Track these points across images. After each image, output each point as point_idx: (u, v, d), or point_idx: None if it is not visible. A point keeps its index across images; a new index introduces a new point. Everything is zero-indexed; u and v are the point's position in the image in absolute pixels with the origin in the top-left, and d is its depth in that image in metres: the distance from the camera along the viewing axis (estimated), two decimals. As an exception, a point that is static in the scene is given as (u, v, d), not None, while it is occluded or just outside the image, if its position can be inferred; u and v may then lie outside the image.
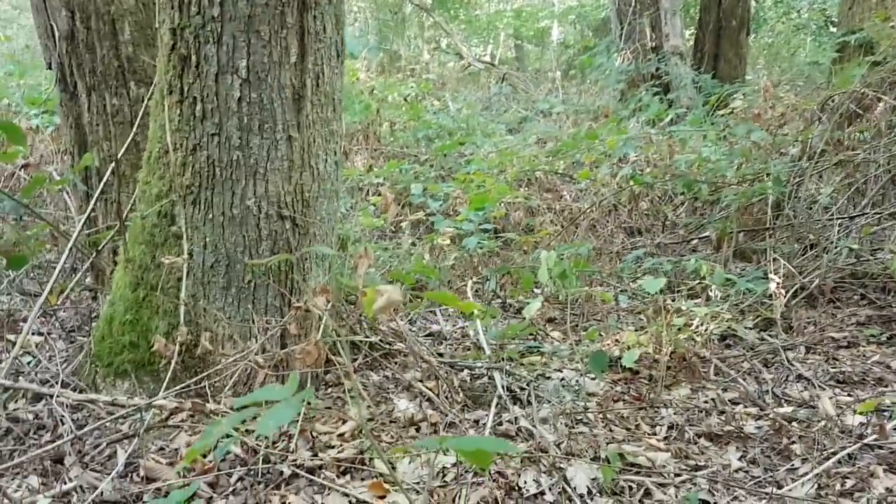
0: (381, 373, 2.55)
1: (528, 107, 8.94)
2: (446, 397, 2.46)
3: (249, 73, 2.10)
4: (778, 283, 2.85)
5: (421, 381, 2.50)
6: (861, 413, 2.24)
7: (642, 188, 4.84)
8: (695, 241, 4.75)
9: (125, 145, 2.81)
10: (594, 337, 3.06)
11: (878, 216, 3.49)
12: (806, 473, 2.08)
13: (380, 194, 5.07)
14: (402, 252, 4.25)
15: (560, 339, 3.34)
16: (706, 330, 3.13)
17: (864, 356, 2.90)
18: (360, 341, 2.54)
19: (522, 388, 2.58)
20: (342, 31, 2.27)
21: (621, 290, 3.72)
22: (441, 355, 2.96)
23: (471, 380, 2.69)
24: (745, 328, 3.25)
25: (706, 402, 2.56)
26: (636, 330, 3.19)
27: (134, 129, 2.82)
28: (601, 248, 4.62)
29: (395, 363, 2.62)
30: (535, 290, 3.91)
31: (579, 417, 2.42)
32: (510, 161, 5.18)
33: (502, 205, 4.38)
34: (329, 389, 2.39)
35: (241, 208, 2.15)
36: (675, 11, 7.52)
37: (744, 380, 2.73)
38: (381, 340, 2.63)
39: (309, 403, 2.08)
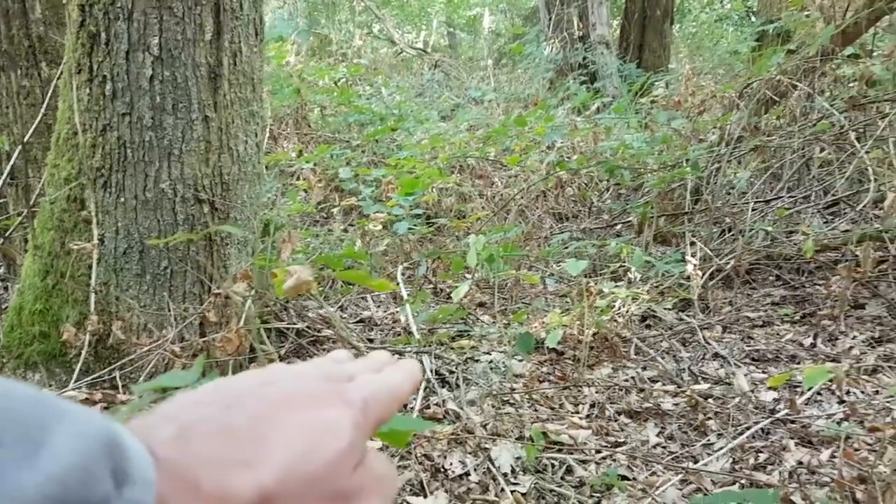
0: (308, 360, 2.52)
1: (461, 94, 8.95)
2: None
3: (162, 51, 2.02)
4: (695, 266, 2.95)
5: (347, 366, 2.48)
6: (771, 388, 2.33)
7: (569, 174, 4.92)
8: (619, 226, 4.87)
9: (34, 127, 2.68)
10: (522, 319, 3.10)
11: (793, 199, 3.64)
12: (721, 448, 2.16)
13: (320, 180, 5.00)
14: (334, 238, 4.20)
15: (490, 322, 3.37)
16: (627, 311, 3.21)
17: (777, 335, 3.02)
18: (287, 328, 2.49)
19: (451, 372, 2.59)
20: (260, 8, 2.21)
21: (549, 274, 3.78)
22: (371, 341, 2.95)
23: (399, 364, 2.68)
24: (665, 309, 3.34)
25: (626, 380, 2.63)
26: (562, 312, 3.25)
27: (43, 109, 2.69)
28: (531, 232, 4.68)
29: (324, 349, 2.59)
30: (467, 275, 3.93)
31: (506, 398, 2.45)
32: (442, 147, 5.17)
33: (434, 190, 4.37)
34: (252, 377, 2.34)
35: (154, 191, 2.07)
36: (602, 2, 7.64)
37: (662, 358, 2.81)
38: (308, 327, 2.59)
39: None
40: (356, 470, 0.35)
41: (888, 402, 2.34)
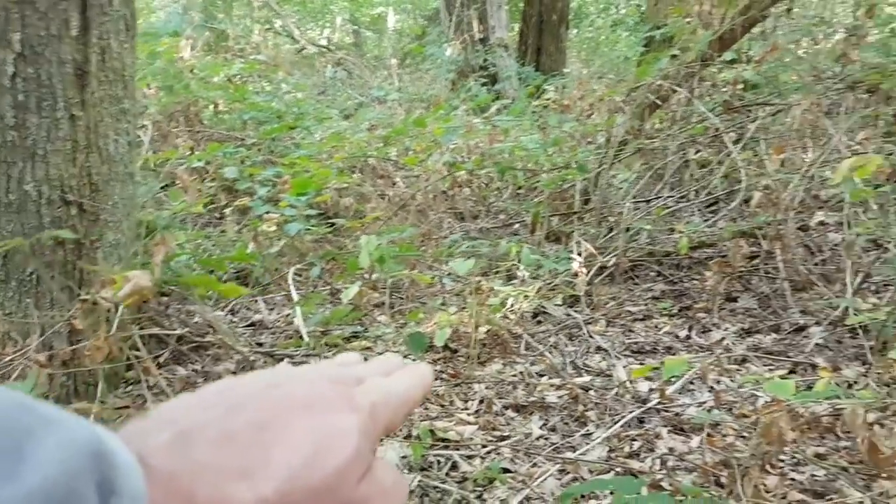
0: (189, 367, 2.45)
1: (364, 93, 8.91)
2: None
3: (24, 47, 1.92)
4: (580, 263, 3.05)
5: (234, 372, 2.43)
6: (636, 377, 2.44)
7: (469, 175, 4.99)
8: (517, 226, 4.99)
9: None
10: (417, 318, 3.12)
11: (673, 199, 3.83)
12: (598, 438, 2.25)
13: (203, 179, 4.86)
14: (226, 240, 4.09)
15: (387, 322, 3.37)
16: (519, 308, 3.29)
17: (656, 327, 3.17)
18: (166, 334, 2.42)
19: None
20: (132, 3, 2.13)
21: (447, 273, 3.82)
22: (261, 345, 2.89)
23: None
24: (555, 305, 3.45)
25: (515, 375, 2.70)
26: (459, 310, 3.30)
27: None
28: (429, 232, 4.72)
29: (207, 356, 2.53)
30: (366, 275, 3.93)
31: (395, 398, 2.46)
32: (342, 146, 5.14)
33: (332, 190, 4.34)
34: (129, 387, 2.26)
35: (18, 193, 1.96)
36: (501, 5, 7.79)
37: (550, 353, 2.90)
38: (191, 332, 2.52)
39: (103, 402, 1.95)
40: (362, 480, 0.33)
41: (754, 389, 2.50)
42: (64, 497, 0.25)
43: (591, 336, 3.05)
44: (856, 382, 2.35)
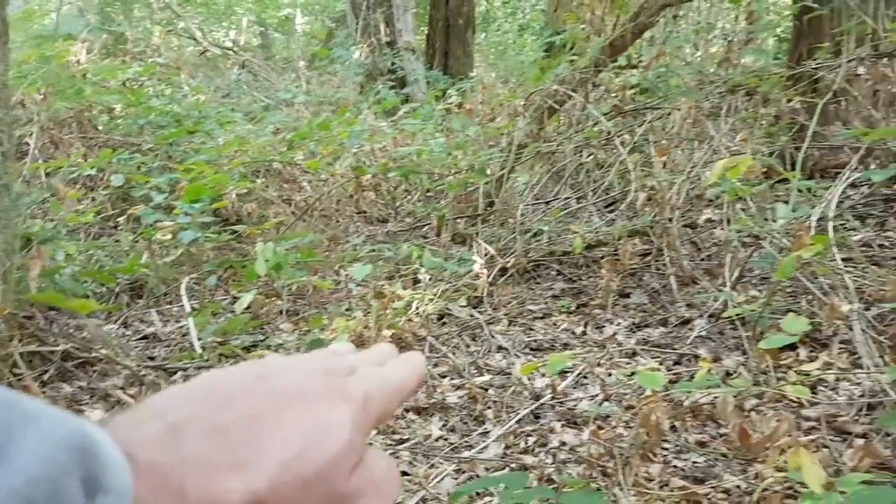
0: (75, 383, 2.35)
1: (271, 95, 8.75)
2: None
3: None
4: (481, 264, 3.11)
5: (122, 388, 2.35)
6: (524, 374, 2.50)
7: (379, 179, 4.99)
8: (426, 228, 5.02)
9: None
10: (319, 325, 3.10)
11: (569, 199, 3.95)
12: (495, 435, 2.30)
13: (93, 188, 4.66)
14: (120, 250, 3.95)
15: (289, 330, 3.33)
16: (423, 311, 3.32)
17: (555, 325, 3.26)
18: (50, 351, 2.31)
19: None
20: (3, 9, 2.04)
21: (352, 279, 3.81)
22: (152, 359, 2.81)
23: (185, 381, 2.58)
24: (460, 306, 3.50)
25: (415, 379, 2.72)
26: (365, 314, 3.29)
27: None
28: (336, 236, 4.69)
29: (94, 372, 2.43)
30: (266, 283, 3.86)
31: (294, 407, 2.44)
32: (243, 150, 5.03)
33: (231, 196, 4.25)
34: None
35: None
36: (407, 8, 7.82)
37: (453, 354, 2.94)
38: (76, 348, 2.42)
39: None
40: (354, 471, 0.33)
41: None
42: (48, 495, 0.25)
43: (492, 336, 3.10)
44: (735, 372, 2.49)
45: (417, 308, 3.33)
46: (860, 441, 1.96)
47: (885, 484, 1.70)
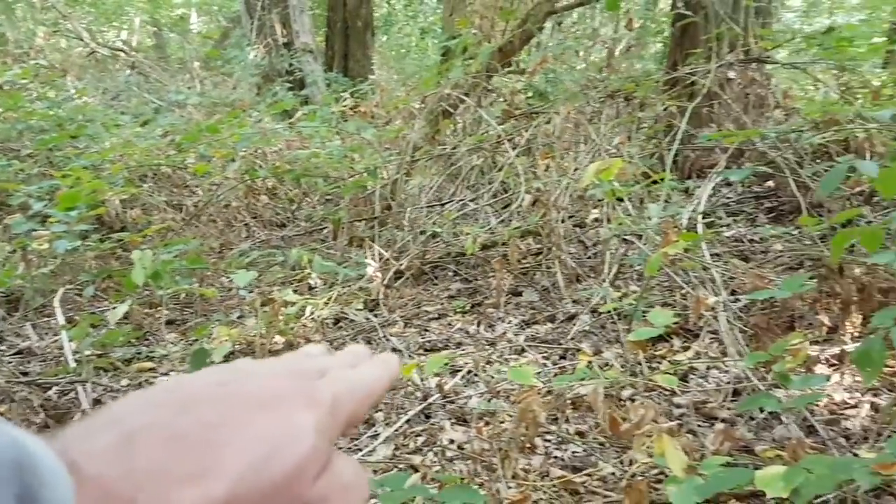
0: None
1: (163, 97, 8.45)
2: (23, 420, 2.23)
3: None
4: (375, 267, 3.11)
5: (-11, 406, 2.22)
6: (406, 375, 2.52)
7: (276, 182, 4.91)
8: (325, 232, 4.98)
9: None
10: (204, 334, 3.02)
11: (463, 201, 4.01)
12: (385, 437, 2.32)
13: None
14: (-6, 261, 3.72)
15: (175, 339, 3.23)
16: (319, 316, 3.30)
17: (450, 325, 3.31)
18: None
19: (116, 399, 2.44)
20: None
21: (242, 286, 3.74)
22: (26, 374, 2.67)
23: (59, 397, 2.47)
24: (356, 310, 3.49)
25: (306, 384, 2.69)
26: (257, 322, 3.23)
27: None
28: (229, 242, 4.58)
29: (-46, 392, 2.29)
30: (147, 292, 3.73)
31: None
32: (129, 154, 4.84)
33: (116, 201, 4.08)
34: None
35: None
36: (303, 9, 7.72)
37: (346, 359, 2.94)
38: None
39: None
40: (320, 477, 0.31)
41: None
42: None
43: (387, 338, 3.12)
44: (611, 364, 2.60)
45: (312, 313, 3.31)
46: (721, 426, 2.09)
47: (743, 465, 1.82)
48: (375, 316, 3.37)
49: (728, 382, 2.45)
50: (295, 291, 3.18)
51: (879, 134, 2.59)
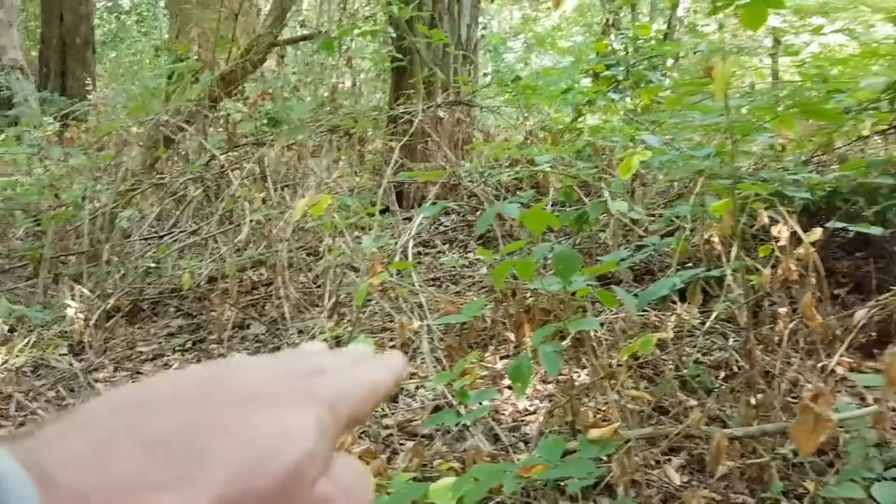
0: None
1: None
2: None
3: None
4: (76, 308, 2.89)
5: None
6: None
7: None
8: (31, 269, 4.49)
9: None
10: None
11: (184, 234, 3.87)
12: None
13: None
14: None
15: None
16: (13, 364, 2.98)
17: (166, 365, 3.17)
18: None
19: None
20: None
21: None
22: None
23: None
24: (60, 355, 3.20)
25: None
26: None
27: None
28: None
29: None
30: None
31: None
32: None
33: None
34: None
35: None
36: (11, 23, 6.94)
37: (45, 410, 2.68)
38: None
39: None
40: (320, 479, 0.29)
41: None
42: None
43: (92, 384, 2.90)
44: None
45: (5, 362, 2.98)
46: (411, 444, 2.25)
47: (427, 481, 1.97)
48: (80, 361, 3.12)
49: (433, 400, 2.64)
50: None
51: (554, 173, 3.00)
